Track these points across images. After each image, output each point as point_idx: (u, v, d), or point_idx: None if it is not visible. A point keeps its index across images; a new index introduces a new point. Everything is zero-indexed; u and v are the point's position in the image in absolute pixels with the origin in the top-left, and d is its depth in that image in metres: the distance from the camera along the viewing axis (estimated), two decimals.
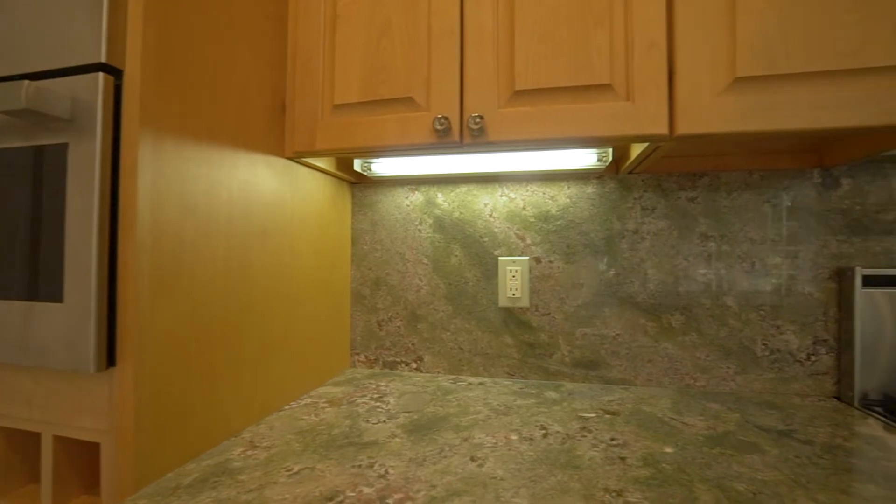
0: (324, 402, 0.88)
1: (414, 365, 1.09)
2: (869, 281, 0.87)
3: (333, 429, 0.76)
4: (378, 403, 0.88)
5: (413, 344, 1.09)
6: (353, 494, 0.56)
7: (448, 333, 1.07)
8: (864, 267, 0.87)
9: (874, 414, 0.82)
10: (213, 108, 0.68)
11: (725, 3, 0.67)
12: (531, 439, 0.72)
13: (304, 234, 0.92)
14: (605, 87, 0.70)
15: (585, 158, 0.91)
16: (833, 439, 0.72)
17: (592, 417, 0.81)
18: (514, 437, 0.73)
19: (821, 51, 0.64)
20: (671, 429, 0.76)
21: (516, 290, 1.02)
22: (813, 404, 0.88)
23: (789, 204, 0.93)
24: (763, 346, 0.94)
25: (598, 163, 0.91)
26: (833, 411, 0.84)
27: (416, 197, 1.09)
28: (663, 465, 0.64)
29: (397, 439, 0.72)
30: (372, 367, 1.12)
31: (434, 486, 0.58)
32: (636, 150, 0.82)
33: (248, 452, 0.67)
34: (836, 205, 0.91)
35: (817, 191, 0.92)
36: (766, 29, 0.66)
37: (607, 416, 0.82)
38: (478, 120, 0.71)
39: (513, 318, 1.04)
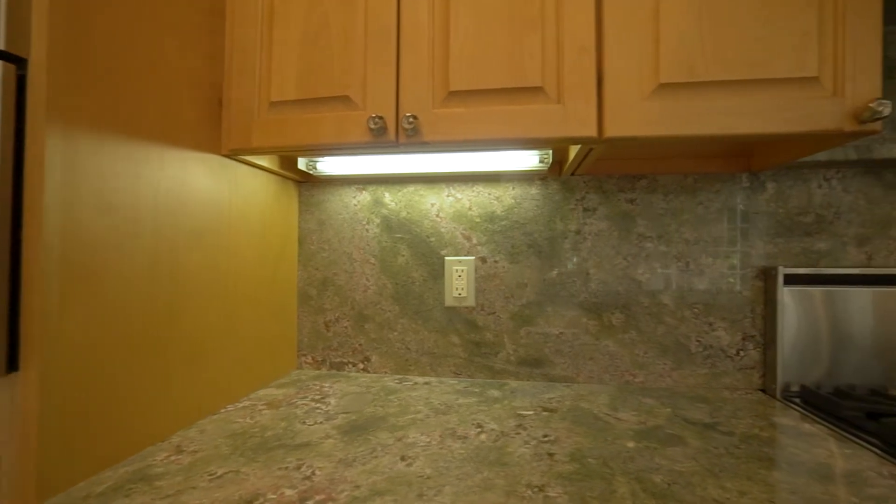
0: (262, 405, 0.86)
1: (361, 365, 1.08)
2: (790, 279, 0.92)
3: (267, 431, 0.74)
4: (318, 405, 0.87)
5: (360, 344, 1.08)
6: (273, 497, 0.55)
7: (395, 333, 1.07)
8: (785, 266, 0.92)
9: (793, 405, 0.87)
10: (135, 101, 0.65)
11: (650, 12, 0.69)
12: (465, 438, 0.73)
13: (243, 233, 0.90)
14: (536, 90, 0.72)
15: (528, 160, 0.93)
16: (751, 430, 0.76)
17: (530, 415, 0.82)
18: (448, 435, 0.73)
19: (734, 61, 0.67)
20: (605, 424, 0.78)
21: (462, 289, 1.03)
22: (740, 397, 0.92)
23: (720, 206, 0.97)
24: (697, 343, 0.98)
25: (540, 164, 0.93)
26: (757, 403, 0.88)
27: (364, 196, 1.08)
28: (589, 459, 0.66)
29: (331, 440, 0.71)
30: (319, 369, 1.10)
31: (358, 487, 0.58)
32: (573, 151, 0.84)
33: (173, 457, 0.65)
34: (763, 207, 0.96)
35: (746, 194, 0.97)
36: (686, 39, 0.68)
37: (545, 413, 0.83)
38: (411, 120, 0.71)
39: (459, 317, 1.04)
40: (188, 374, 0.76)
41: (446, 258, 1.04)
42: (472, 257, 1.04)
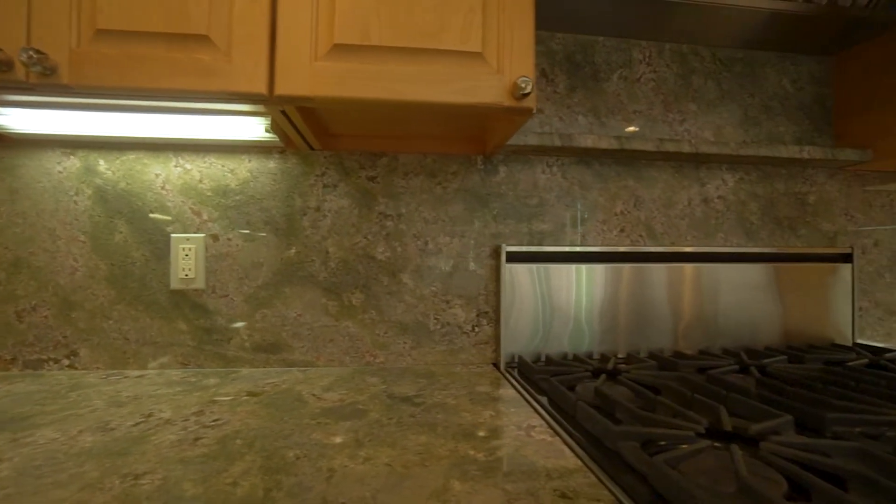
0: None
1: (66, 362, 0.92)
2: (513, 257, 0.97)
3: None
4: None
5: (65, 337, 0.91)
6: None
7: (111, 322, 0.92)
8: (510, 245, 0.98)
9: (509, 375, 0.91)
10: None
11: None
12: (112, 430, 0.63)
13: None
14: (202, 38, 0.65)
15: (253, 129, 0.86)
16: (445, 399, 0.77)
17: (226, 401, 0.75)
18: (93, 429, 0.63)
19: (406, 29, 0.67)
20: (299, 405, 0.74)
21: (190, 270, 0.92)
22: (470, 371, 0.95)
23: (457, 187, 1.00)
24: (436, 321, 0.99)
25: (267, 134, 0.87)
26: (478, 375, 0.92)
27: (72, 162, 0.92)
28: (237, 441, 0.60)
29: None
30: (8, 369, 0.91)
31: None
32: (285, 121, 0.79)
33: None
34: (495, 189, 1.01)
35: (480, 176, 1.01)
36: (361, 1, 0.67)
37: (245, 398, 0.77)
38: (32, 55, 0.59)
39: (187, 301, 0.93)
40: None
41: (172, 235, 0.93)
42: (203, 235, 0.93)
